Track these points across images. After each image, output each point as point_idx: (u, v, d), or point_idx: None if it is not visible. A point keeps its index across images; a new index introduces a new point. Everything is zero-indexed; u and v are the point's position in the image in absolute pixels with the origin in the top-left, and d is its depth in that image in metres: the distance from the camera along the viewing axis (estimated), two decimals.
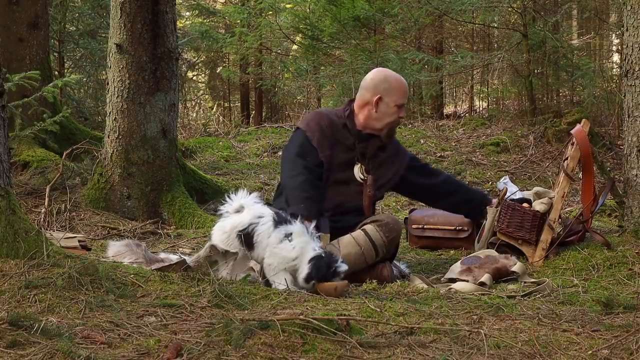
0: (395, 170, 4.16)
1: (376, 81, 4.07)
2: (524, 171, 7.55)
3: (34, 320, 2.38)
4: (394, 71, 4.32)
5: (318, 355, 2.27)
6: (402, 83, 4.13)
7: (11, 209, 3.05)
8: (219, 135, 9.51)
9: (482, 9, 9.46)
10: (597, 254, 4.02)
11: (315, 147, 3.96)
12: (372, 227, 3.81)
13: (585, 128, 4.35)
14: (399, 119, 4.10)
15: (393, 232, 3.84)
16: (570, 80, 9.64)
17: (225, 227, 3.63)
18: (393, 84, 4.07)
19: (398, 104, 4.06)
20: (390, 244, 3.84)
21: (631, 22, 4.26)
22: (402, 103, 4.09)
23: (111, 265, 3.41)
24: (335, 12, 10.42)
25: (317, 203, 3.86)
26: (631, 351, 2.43)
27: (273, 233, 3.48)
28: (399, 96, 4.07)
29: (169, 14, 5.49)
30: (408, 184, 4.26)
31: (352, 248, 3.73)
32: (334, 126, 4.04)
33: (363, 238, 3.75)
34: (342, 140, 4.03)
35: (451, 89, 13.59)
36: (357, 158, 4.05)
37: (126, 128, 5.42)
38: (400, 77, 4.17)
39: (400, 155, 4.23)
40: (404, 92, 4.12)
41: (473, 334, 2.55)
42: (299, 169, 3.92)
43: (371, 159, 4.08)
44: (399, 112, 4.07)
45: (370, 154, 4.07)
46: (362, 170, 4.05)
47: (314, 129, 4.01)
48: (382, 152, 4.12)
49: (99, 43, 9.60)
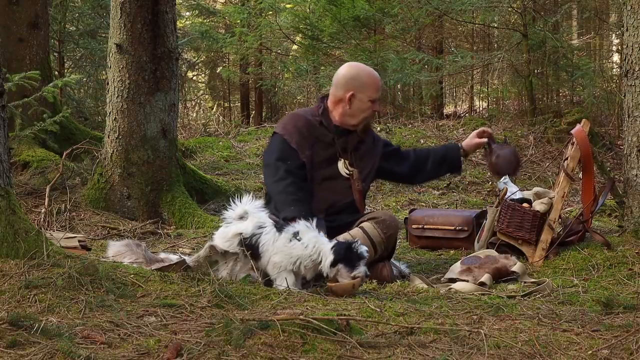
0: (374, 160, 4.15)
1: (348, 77, 4.05)
2: (524, 171, 7.55)
3: (34, 320, 2.38)
4: (371, 68, 4.27)
5: (318, 355, 2.27)
6: (375, 77, 4.09)
7: (11, 209, 3.05)
8: (219, 135, 9.52)
9: (482, 9, 9.46)
10: (597, 254, 4.02)
11: (295, 148, 3.93)
12: (369, 225, 3.81)
13: (585, 128, 4.35)
14: (373, 113, 4.09)
15: (390, 228, 3.83)
16: (570, 80, 9.64)
17: (227, 234, 3.60)
18: (365, 80, 4.04)
19: (372, 98, 4.03)
20: (388, 240, 3.84)
21: (631, 22, 4.26)
22: (376, 97, 4.06)
23: (111, 265, 3.41)
24: (335, 12, 10.42)
25: (306, 204, 3.82)
26: (631, 351, 2.43)
27: (279, 238, 3.47)
28: (372, 91, 4.04)
29: (169, 14, 5.49)
30: (387, 171, 4.26)
31: None
32: (310, 125, 4.02)
33: (361, 236, 3.74)
34: (321, 138, 4.01)
35: (451, 89, 13.60)
36: (338, 153, 4.04)
37: (126, 128, 5.42)
38: (372, 72, 4.13)
39: (376, 144, 4.22)
40: (376, 87, 4.08)
41: (473, 334, 2.55)
42: (281, 174, 3.87)
43: (353, 152, 4.07)
44: (372, 107, 4.05)
45: (351, 148, 4.06)
46: (346, 164, 4.04)
47: (292, 131, 3.97)
48: (362, 144, 4.11)
49: (99, 43, 9.60)
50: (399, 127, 9.70)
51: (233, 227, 3.59)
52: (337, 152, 4.03)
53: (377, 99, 4.07)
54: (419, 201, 6.47)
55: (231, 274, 3.61)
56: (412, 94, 12.77)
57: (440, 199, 6.59)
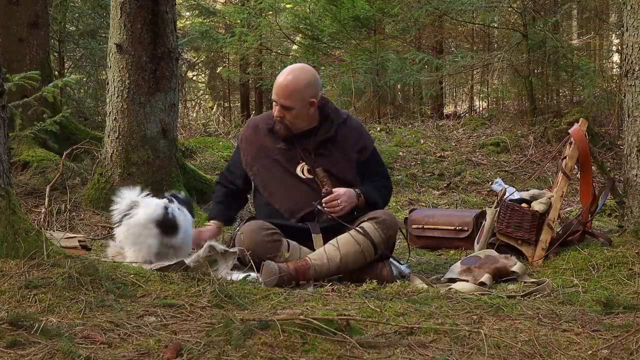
0: (349, 157, 3.99)
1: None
2: (524, 171, 7.56)
3: (34, 320, 2.38)
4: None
5: (318, 355, 2.27)
6: (278, 78, 3.98)
7: (11, 209, 3.05)
8: (219, 135, 9.52)
9: (482, 9, 9.46)
10: (597, 254, 4.02)
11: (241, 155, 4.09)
12: (370, 225, 3.79)
13: (583, 127, 4.35)
14: (276, 117, 3.97)
15: (391, 228, 3.82)
16: (570, 80, 9.65)
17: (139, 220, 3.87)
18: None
19: (274, 99, 3.99)
20: (389, 240, 3.83)
21: (631, 22, 4.26)
22: (272, 99, 4.00)
23: (111, 265, 3.41)
24: (335, 12, 10.43)
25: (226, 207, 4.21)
26: (631, 351, 2.43)
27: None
28: (274, 91, 4.00)
29: (169, 14, 5.48)
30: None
31: (352, 247, 3.73)
32: (256, 133, 4.06)
33: (362, 236, 3.74)
34: (268, 145, 4.01)
35: (451, 89, 13.61)
36: (300, 157, 3.96)
37: (126, 128, 5.42)
38: (284, 72, 3.99)
39: (359, 142, 4.04)
40: (274, 87, 3.98)
41: (473, 334, 2.55)
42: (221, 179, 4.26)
43: (315, 154, 3.95)
44: (274, 108, 3.98)
45: (312, 150, 3.96)
46: (304, 169, 3.96)
47: (241, 139, 4.14)
48: (331, 144, 3.98)
49: (99, 43, 9.60)
50: (399, 127, 9.71)
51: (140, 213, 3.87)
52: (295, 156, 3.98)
53: (276, 102, 3.94)
54: (419, 201, 6.47)
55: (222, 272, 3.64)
56: (412, 94, 12.77)
57: (440, 199, 6.59)
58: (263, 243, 3.70)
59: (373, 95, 10.64)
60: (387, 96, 11.19)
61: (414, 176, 7.33)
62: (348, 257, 3.69)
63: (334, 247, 3.72)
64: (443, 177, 7.37)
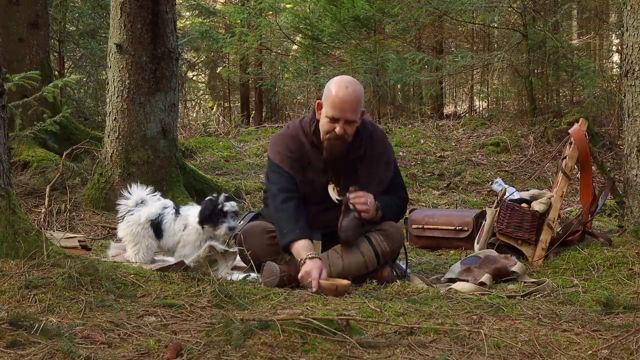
0: (375, 177, 3.81)
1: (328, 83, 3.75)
2: (524, 171, 7.56)
3: (34, 320, 2.38)
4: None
5: (318, 355, 2.27)
6: (336, 94, 3.62)
7: (11, 209, 3.05)
8: (219, 135, 9.52)
9: (482, 9, 9.46)
10: (597, 254, 4.02)
11: (289, 173, 3.70)
12: (377, 237, 3.74)
13: (583, 127, 4.35)
14: (336, 135, 3.63)
15: (397, 242, 3.80)
16: (570, 80, 9.65)
17: (139, 219, 4.02)
18: (328, 91, 3.67)
19: (328, 115, 3.64)
20: (393, 253, 3.82)
21: (631, 22, 4.26)
22: (332, 115, 3.62)
23: (111, 265, 3.42)
24: (335, 12, 10.43)
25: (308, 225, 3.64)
26: (631, 351, 2.43)
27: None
28: (328, 106, 3.64)
29: (169, 14, 5.49)
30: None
31: (355, 257, 3.70)
32: (302, 148, 3.75)
33: (367, 247, 3.71)
34: (314, 162, 3.74)
35: (451, 89, 13.61)
36: (330, 178, 3.76)
37: (126, 128, 5.42)
38: (341, 85, 3.65)
39: (384, 156, 3.84)
40: (333, 104, 3.62)
41: (473, 334, 2.55)
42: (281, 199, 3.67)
43: (345, 175, 3.76)
44: (331, 126, 3.64)
45: (342, 171, 3.75)
46: (336, 190, 3.76)
47: (283, 157, 3.73)
48: (360, 163, 3.78)
49: (99, 43, 9.60)
50: (399, 127, 9.71)
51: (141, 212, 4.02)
52: (328, 177, 3.76)
53: (337, 119, 3.62)
54: (419, 201, 6.47)
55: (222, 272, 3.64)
56: (412, 94, 12.78)
57: (440, 199, 6.59)
58: (264, 247, 3.70)
59: (373, 95, 10.65)
60: (387, 96, 11.19)
61: (414, 176, 7.33)
62: (351, 266, 3.67)
63: (337, 254, 3.69)
64: (443, 177, 7.37)
